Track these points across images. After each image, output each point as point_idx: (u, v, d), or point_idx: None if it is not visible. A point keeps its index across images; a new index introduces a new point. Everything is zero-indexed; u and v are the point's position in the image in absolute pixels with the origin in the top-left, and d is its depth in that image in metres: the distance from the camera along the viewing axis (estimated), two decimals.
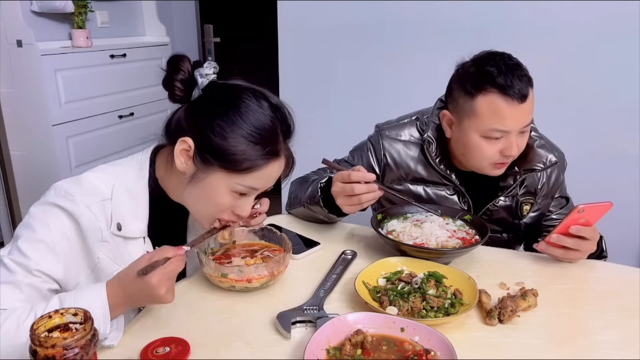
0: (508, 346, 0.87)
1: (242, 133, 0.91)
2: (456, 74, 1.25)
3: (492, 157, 1.20)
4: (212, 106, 0.94)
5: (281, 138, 0.96)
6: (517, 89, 1.13)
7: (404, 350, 0.81)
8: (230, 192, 0.95)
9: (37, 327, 0.65)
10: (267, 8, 3.25)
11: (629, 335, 0.90)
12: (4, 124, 2.67)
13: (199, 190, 0.96)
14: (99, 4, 2.96)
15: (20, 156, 2.72)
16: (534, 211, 1.37)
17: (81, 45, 2.76)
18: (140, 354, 0.82)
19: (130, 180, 1.00)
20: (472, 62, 1.22)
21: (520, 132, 1.18)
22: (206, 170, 0.94)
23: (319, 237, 1.25)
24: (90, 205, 0.93)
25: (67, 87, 2.66)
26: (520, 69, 1.16)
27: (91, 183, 0.97)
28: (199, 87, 0.95)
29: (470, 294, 0.96)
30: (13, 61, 2.56)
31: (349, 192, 1.12)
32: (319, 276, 1.07)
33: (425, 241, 1.14)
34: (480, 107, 1.16)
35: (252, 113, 0.92)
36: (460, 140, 1.24)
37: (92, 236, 0.94)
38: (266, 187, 0.99)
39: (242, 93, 0.94)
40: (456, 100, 1.22)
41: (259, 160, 0.92)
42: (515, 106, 1.14)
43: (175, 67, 0.95)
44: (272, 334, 0.89)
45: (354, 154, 1.43)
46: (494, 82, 1.14)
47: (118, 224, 0.96)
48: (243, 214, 0.99)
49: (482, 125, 1.17)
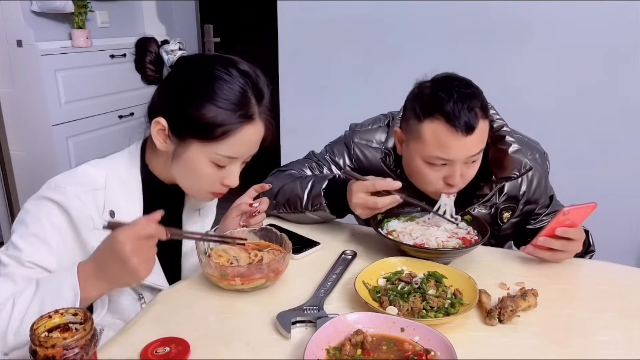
0: (508, 346, 0.87)
1: (213, 101, 0.92)
2: (411, 94, 1.19)
3: (435, 183, 1.16)
4: (180, 81, 0.96)
5: (254, 101, 0.95)
6: (464, 121, 1.07)
7: (404, 350, 0.81)
8: (210, 163, 0.96)
9: (37, 327, 0.65)
10: (267, 8, 3.25)
11: (629, 335, 0.90)
12: (4, 124, 2.67)
13: (181, 166, 0.97)
14: (99, 4, 2.96)
15: (20, 156, 2.72)
16: (515, 217, 1.33)
17: (81, 45, 2.76)
18: (140, 354, 0.81)
19: (122, 169, 1.02)
20: (430, 83, 1.16)
21: (465, 162, 1.14)
22: (183, 145, 0.95)
23: (319, 237, 1.25)
24: (80, 195, 0.94)
25: (67, 87, 2.66)
26: (472, 99, 1.10)
27: (84, 173, 0.99)
28: (166, 64, 0.97)
29: (470, 294, 0.96)
30: (13, 61, 2.56)
31: (371, 205, 1.11)
32: (319, 276, 1.07)
33: (425, 241, 1.14)
34: (425, 132, 1.11)
35: (220, 81, 0.93)
36: (406, 161, 1.22)
37: (84, 225, 0.94)
38: (247, 154, 0.99)
39: (210, 63, 0.95)
40: (407, 120, 1.18)
41: (232, 125, 0.93)
42: (459, 137, 1.08)
43: (143, 50, 0.98)
44: (272, 334, 0.89)
45: (334, 149, 1.40)
46: (441, 110, 1.09)
47: (111, 211, 0.97)
48: (232, 184, 1.00)
49: (425, 150, 1.13)
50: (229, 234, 1.13)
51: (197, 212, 1.18)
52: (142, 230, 0.82)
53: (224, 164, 0.97)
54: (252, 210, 1.14)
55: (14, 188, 2.76)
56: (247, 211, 1.15)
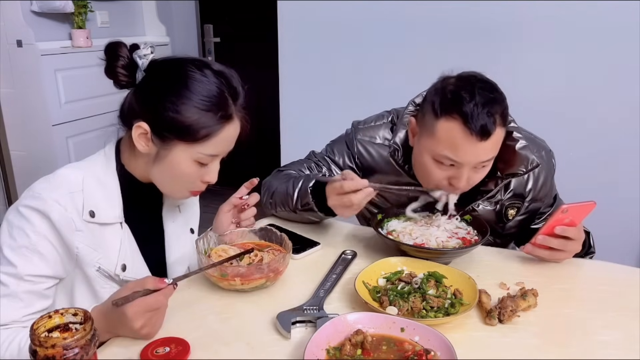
0: (508, 346, 0.87)
1: (193, 103, 0.93)
2: (434, 87, 1.16)
3: (439, 181, 1.15)
4: (158, 84, 0.97)
5: (230, 101, 0.98)
6: (480, 125, 1.04)
7: (404, 350, 0.81)
8: (194, 163, 0.98)
9: (37, 327, 0.65)
10: (267, 8, 3.25)
11: (629, 335, 0.90)
12: (4, 124, 2.67)
13: (164, 167, 0.98)
14: (99, 4, 2.96)
15: (20, 156, 2.72)
16: (521, 215, 1.32)
17: (81, 45, 2.76)
18: (140, 354, 0.82)
19: (98, 170, 1.02)
20: (454, 80, 1.13)
21: (474, 167, 1.12)
22: (167, 147, 0.96)
23: (319, 237, 1.25)
24: (58, 199, 0.94)
25: (67, 87, 2.66)
26: (494, 105, 1.07)
27: (61, 177, 0.99)
28: (140, 69, 0.97)
29: (470, 294, 0.96)
30: (13, 61, 2.56)
31: (347, 204, 1.11)
32: (319, 276, 1.07)
33: (425, 241, 1.14)
34: (439, 129, 1.09)
35: (198, 83, 0.94)
36: (415, 154, 1.21)
37: (66, 228, 0.95)
38: (226, 151, 1.02)
39: (184, 66, 0.96)
40: (424, 113, 1.16)
41: (214, 126, 0.95)
42: (473, 141, 1.06)
43: (114, 55, 0.98)
44: (272, 334, 0.89)
45: (334, 149, 1.40)
46: (460, 110, 1.06)
47: (91, 211, 0.97)
48: (212, 180, 1.03)
49: (435, 148, 1.11)
50: (229, 234, 1.14)
51: (177, 209, 1.19)
52: (152, 305, 0.83)
53: (207, 162, 0.99)
54: (242, 203, 1.15)
55: (14, 188, 2.76)
56: (237, 204, 1.16)
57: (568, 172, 1.42)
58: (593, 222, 1.30)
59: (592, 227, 1.28)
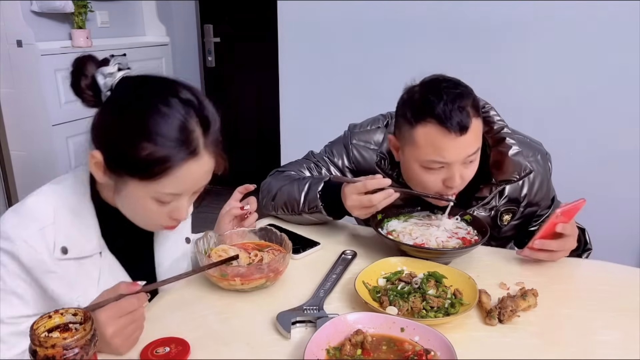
0: (508, 346, 0.87)
1: (147, 137, 0.83)
2: (401, 100, 1.18)
3: (434, 186, 1.15)
4: (115, 113, 0.87)
5: (197, 134, 0.86)
6: (456, 121, 1.06)
7: (404, 350, 0.81)
8: (153, 200, 0.88)
9: (37, 327, 0.65)
10: (267, 8, 3.25)
11: (629, 335, 0.90)
12: (4, 124, 2.67)
13: (124, 201, 0.91)
14: (99, 4, 2.96)
15: (20, 156, 2.72)
16: (516, 219, 1.32)
17: (81, 45, 2.76)
18: (140, 354, 0.82)
19: (71, 198, 0.94)
20: (418, 88, 1.15)
21: (463, 163, 1.13)
22: (121, 181, 0.88)
23: (319, 237, 1.25)
24: (27, 239, 0.88)
25: (67, 87, 2.64)
26: (462, 99, 1.09)
27: (31, 210, 0.91)
28: (102, 90, 0.88)
29: (470, 294, 0.96)
30: (13, 61, 2.56)
31: (366, 204, 1.11)
32: (319, 276, 1.07)
33: (425, 241, 1.14)
34: (418, 137, 1.10)
35: (157, 115, 0.83)
36: (404, 167, 1.21)
37: (38, 270, 0.89)
38: (193, 188, 0.91)
39: (149, 93, 0.87)
40: (400, 126, 1.17)
41: (171, 162, 0.84)
42: (452, 138, 1.07)
43: (79, 72, 0.90)
44: (272, 334, 0.89)
45: (333, 150, 1.40)
46: (432, 113, 1.08)
47: (63, 248, 0.90)
48: (181, 218, 0.93)
49: (421, 155, 1.12)
50: (228, 234, 1.13)
51: None
52: (124, 309, 0.79)
53: (168, 200, 0.89)
54: (243, 214, 1.14)
55: (14, 188, 2.76)
56: (238, 215, 1.15)
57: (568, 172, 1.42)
58: (593, 222, 1.30)
59: (593, 227, 1.28)
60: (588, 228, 1.26)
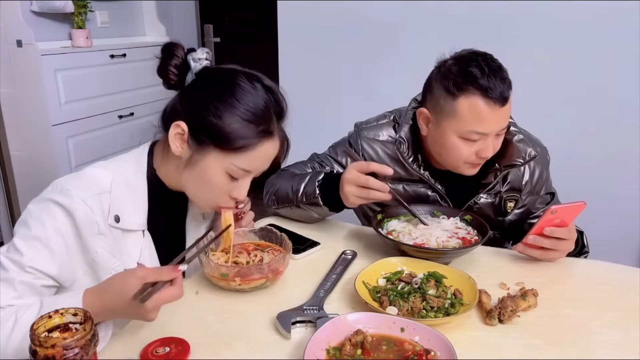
0: (508, 346, 0.87)
1: (236, 112, 0.92)
2: (437, 72, 1.23)
3: (468, 157, 1.20)
4: (206, 88, 0.96)
5: (274, 119, 0.97)
6: (499, 92, 1.13)
7: (404, 350, 0.81)
8: (225, 174, 0.96)
9: (37, 327, 0.65)
10: (267, 8, 3.25)
11: (629, 335, 0.91)
12: (4, 124, 2.67)
13: (195, 173, 0.97)
14: (99, 4, 2.96)
15: (20, 156, 2.72)
16: (519, 208, 1.36)
17: (81, 45, 2.76)
18: (140, 354, 0.82)
19: (129, 173, 1.00)
20: (454, 61, 1.20)
21: (497, 135, 1.19)
22: (201, 152, 0.95)
23: (319, 237, 1.25)
24: (86, 199, 0.93)
25: (67, 87, 2.66)
26: (502, 72, 1.16)
27: (91, 176, 0.98)
28: (192, 71, 0.96)
29: (470, 294, 0.96)
30: (13, 61, 2.56)
31: (363, 183, 1.12)
32: (319, 276, 1.07)
33: (425, 241, 1.14)
34: (461, 108, 1.15)
35: (245, 93, 0.94)
36: (436, 140, 1.24)
37: (89, 230, 0.94)
38: (260, 169, 1.00)
39: (236, 75, 0.96)
40: (436, 98, 1.21)
41: (253, 138, 0.94)
42: (496, 109, 1.13)
43: (170, 54, 0.98)
44: (272, 334, 0.89)
45: (337, 150, 1.42)
46: (476, 84, 1.13)
47: (116, 216, 0.96)
48: (240, 198, 1.00)
49: (462, 126, 1.17)
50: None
51: (202, 216, 1.17)
52: (170, 298, 0.82)
53: (238, 176, 0.97)
54: (237, 212, 1.14)
55: (14, 188, 2.76)
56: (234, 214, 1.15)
57: (568, 172, 1.42)
58: (593, 222, 1.30)
59: (593, 227, 1.28)
60: (588, 228, 1.26)
